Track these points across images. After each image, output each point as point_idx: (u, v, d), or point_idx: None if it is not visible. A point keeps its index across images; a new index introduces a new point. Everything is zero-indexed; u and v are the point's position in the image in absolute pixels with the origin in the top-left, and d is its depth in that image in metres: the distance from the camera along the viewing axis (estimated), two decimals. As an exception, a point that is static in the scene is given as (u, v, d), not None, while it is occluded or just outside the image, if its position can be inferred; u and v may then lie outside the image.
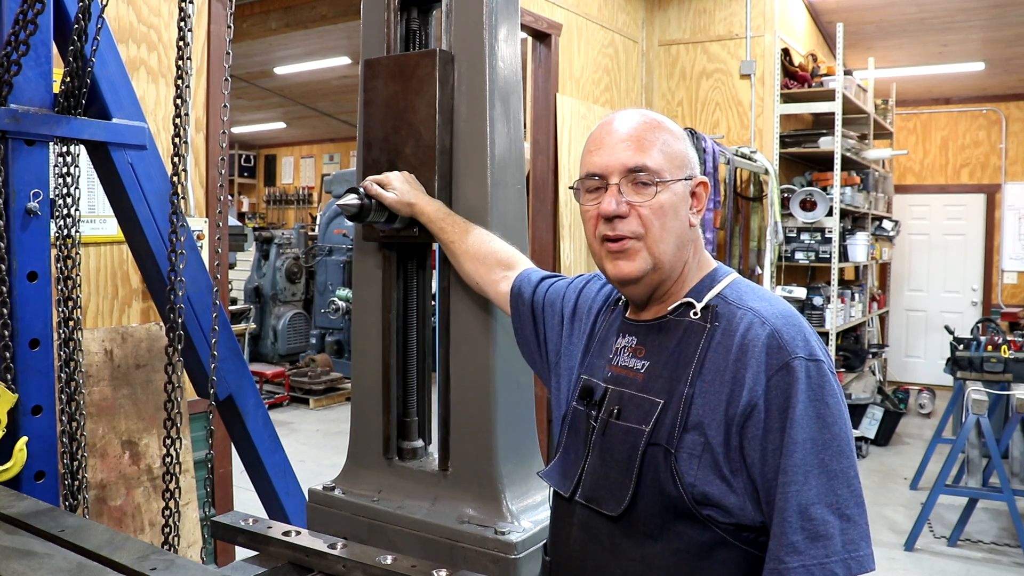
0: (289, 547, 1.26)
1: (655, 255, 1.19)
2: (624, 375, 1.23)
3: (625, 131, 1.22)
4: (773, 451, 1.07)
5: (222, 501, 2.95)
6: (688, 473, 1.10)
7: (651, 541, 1.14)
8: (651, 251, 1.19)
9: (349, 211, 1.56)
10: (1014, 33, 6.57)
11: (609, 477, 1.19)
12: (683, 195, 1.22)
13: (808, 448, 1.06)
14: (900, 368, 8.86)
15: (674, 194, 1.20)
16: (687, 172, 1.22)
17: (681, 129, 1.27)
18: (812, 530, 1.05)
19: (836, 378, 1.13)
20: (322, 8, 5.53)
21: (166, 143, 2.54)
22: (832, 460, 1.07)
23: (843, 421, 1.10)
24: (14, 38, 1.65)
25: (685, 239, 1.22)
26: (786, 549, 1.05)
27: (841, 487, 1.06)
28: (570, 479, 1.26)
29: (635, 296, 1.27)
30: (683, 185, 1.21)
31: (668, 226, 1.19)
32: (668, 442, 1.12)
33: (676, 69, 5.98)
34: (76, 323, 1.93)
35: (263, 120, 11.90)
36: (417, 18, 1.73)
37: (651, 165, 1.19)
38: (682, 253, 1.23)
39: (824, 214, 5.72)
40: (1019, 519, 4.15)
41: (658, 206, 1.18)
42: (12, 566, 1.07)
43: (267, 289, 8.39)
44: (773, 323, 1.12)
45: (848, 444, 1.09)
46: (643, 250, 1.19)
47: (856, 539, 1.06)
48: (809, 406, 1.07)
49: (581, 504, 1.23)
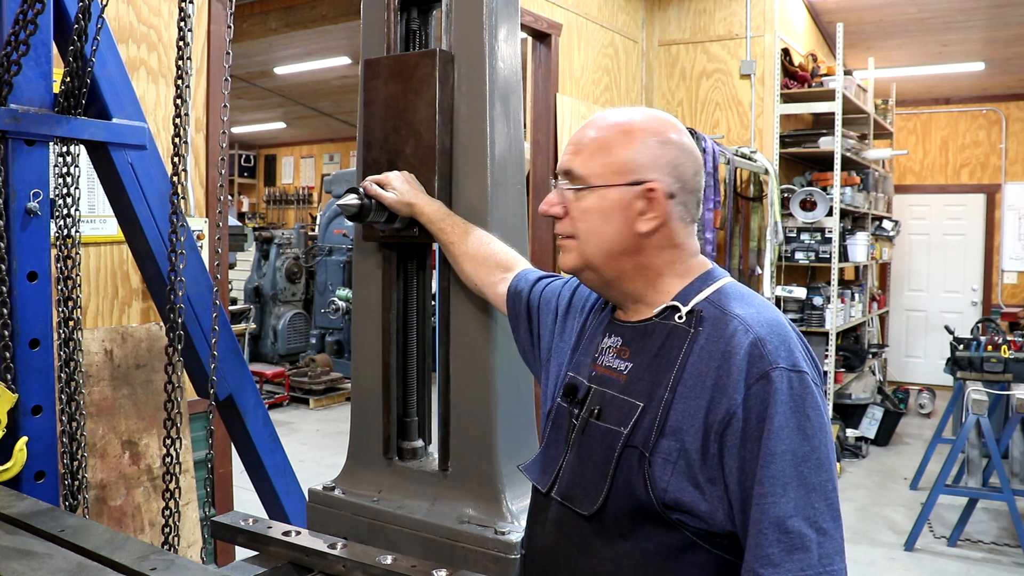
0: (289, 547, 1.26)
1: (584, 256, 1.22)
2: (607, 375, 1.22)
3: (577, 134, 1.24)
4: (750, 460, 1.06)
5: (222, 501, 2.95)
6: (661, 478, 1.10)
7: (621, 541, 1.14)
8: (579, 251, 1.23)
9: (349, 211, 1.56)
10: (1014, 33, 6.57)
11: (585, 476, 1.19)
12: (618, 201, 1.18)
13: (787, 460, 1.05)
14: (900, 368, 8.87)
15: (605, 200, 1.19)
16: (629, 178, 1.18)
17: (658, 131, 1.20)
18: (789, 543, 1.03)
19: (820, 390, 1.11)
20: (322, 8, 5.53)
21: (166, 143, 2.54)
22: (811, 473, 1.05)
23: (823, 434, 1.08)
24: (14, 38, 1.65)
25: (626, 246, 1.20)
26: (761, 561, 1.04)
27: (819, 500, 1.05)
28: (548, 475, 1.27)
29: (598, 292, 1.31)
30: (619, 191, 1.18)
31: (594, 230, 1.20)
32: (644, 446, 1.11)
33: (676, 69, 5.98)
34: (76, 323, 1.93)
35: (263, 120, 11.90)
36: (417, 18, 1.73)
37: (576, 170, 1.21)
38: (624, 260, 1.20)
39: (824, 214, 5.71)
40: (1019, 519, 4.15)
41: (581, 211, 1.21)
42: (12, 566, 1.07)
43: (267, 289, 8.39)
44: (757, 331, 1.11)
45: (828, 457, 1.08)
46: (574, 249, 1.23)
47: (832, 553, 1.05)
48: (790, 417, 1.06)
49: (557, 501, 1.24)
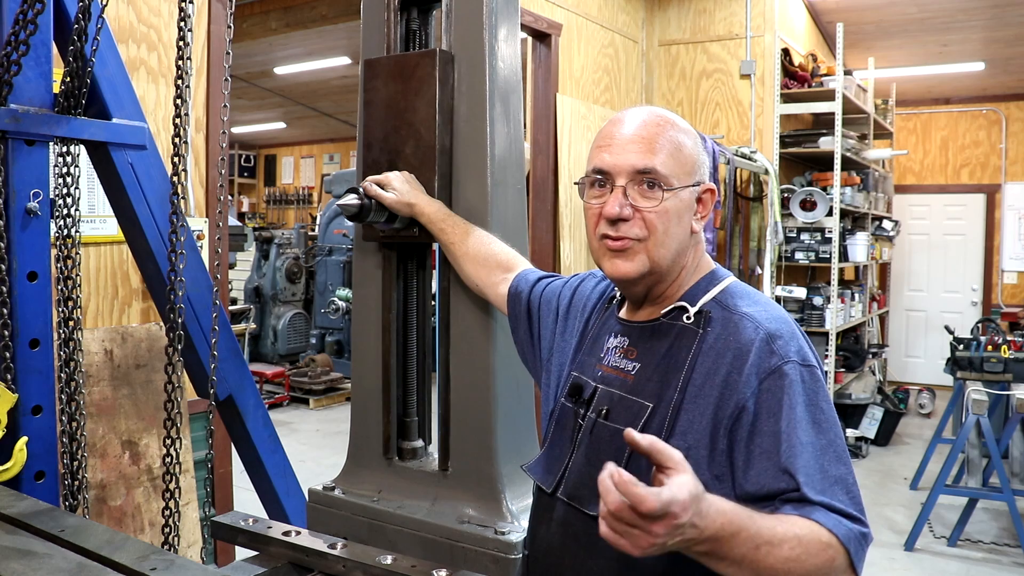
0: (289, 547, 1.26)
1: (654, 259, 1.18)
2: (614, 376, 1.22)
3: (636, 129, 1.18)
4: (759, 455, 1.06)
5: (222, 501, 2.95)
6: None
7: None
8: (650, 255, 1.18)
9: (349, 211, 1.56)
10: (1014, 33, 6.57)
11: (594, 477, 1.17)
12: (689, 202, 1.19)
13: (808, 453, 1.05)
14: (900, 368, 8.86)
15: (680, 201, 1.18)
16: (695, 178, 1.20)
17: (694, 131, 1.24)
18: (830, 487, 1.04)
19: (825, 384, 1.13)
20: (322, 8, 5.53)
21: (166, 143, 2.54)
22: (831, 466, 1.06)
23: (837, 427, 1.10)
24: (14, 38, 1.65)
25: (685, 245, 1.21)
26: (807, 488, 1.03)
27: (841, 493, 1.05)
28: (553, 475, 1.26)
29: (631, 294, 1.26)
30: (690, 192, 1.19)
31: (671, 232, 1.17)
32: None
33: (676, 69, 5.98)
34: (76, 323, 1.93)
35: (263, 120, 11.90)
36: (417, 18, 1.73)
37: (660, 169, 1.16)
38: (681, 258, 1.22)
39: (824, 214, 5.71)
40: (1019, 519, 4.15)
41: (663, 211, 1.16)
42: (12, 566, 1.07)
43: (267, 289, 8.38)
44: (768, 327, 1.12)
45: (844, 450, 1.08)
46: (642, 252, 1.17)
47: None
48: (805, 411, 1.07)
49: (563, 501, 1.23)
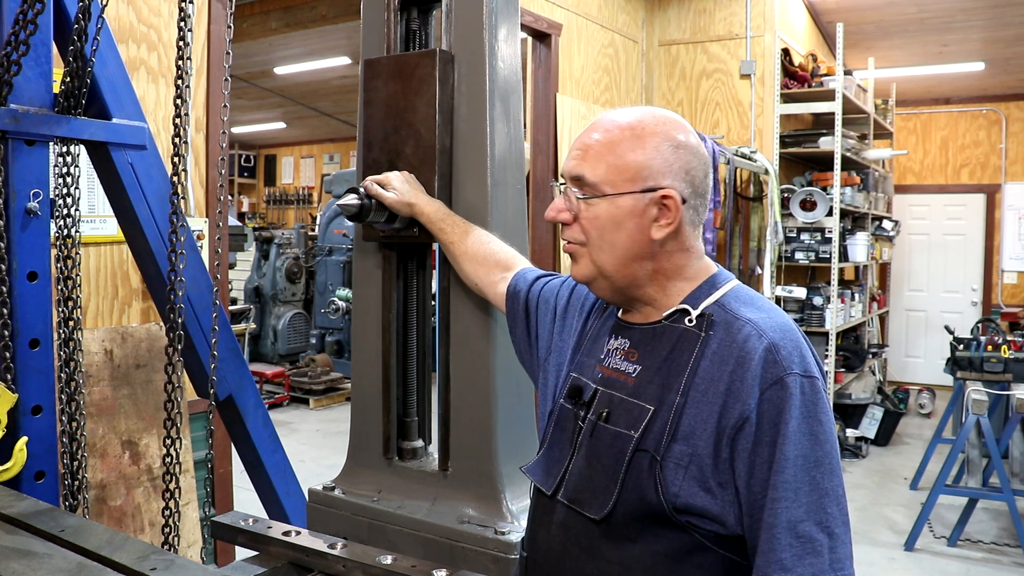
0: (289, 547, 1.27)
1: (596, 264, 1.19)
2: (615, 378, 1.21)
3: (584, 136, 1.20)
4: (761, 464, 1.07)
5: (222, 501, 2.95)
6: (673, 483, 1.10)
7: (630, 544, 1.13)
8: (592, 259, 1.19)
9: (349, 211, 1.56)
10: (1014, 33, 6.57)
11: (594, 480, 1.18)
12: (632, 208, 1.16)
13: (800, 465, 1.05)
14: (900, 368, 8.86)
15: (618, 208, 1.16)
16: (644, 185, 1.16)
17: (674, 134, 1.17)
18: (801, 547, 1.04)
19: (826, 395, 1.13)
20: (322, 8, 5.53)
21: (166, 143, 2.54)
22: (823, 478, 1.06)
23: (833, 439, 1.10)
24: (14, 38, 1.65)
25: (641, 252, 1.18)
26: (774, 566, 1.04)
27: (831, 505, 1.06)
28: (553, 477, 1.25)
29: (607, 300, 1.27)
30: (633, 199, 1.16)
31: (608, 238, 1.17)
32: (656, 450, 1.11)
33: (676, 69, 5.98)
34: (76, 323, 1.93)
35: (263, 120, 11.90)
36: (417, 18, 1.73)
37: (588, 177, 1.17)
38: (639, 265, 1.19)
39: (824, 214, 5.71)
40: (1019, 519, 4.15)
41: (593, 218, 1.17)
42: (12, 566, 1.07)
43: (267, 289, 8.39)
44: (771, 336, 1.11)
45: (837, 462, 1.09)
46: (586, 257, 1.20)
47: (843, 558, 1.05)
48: (803, 423, 1.07)
49: (563, 503, 1.22)
